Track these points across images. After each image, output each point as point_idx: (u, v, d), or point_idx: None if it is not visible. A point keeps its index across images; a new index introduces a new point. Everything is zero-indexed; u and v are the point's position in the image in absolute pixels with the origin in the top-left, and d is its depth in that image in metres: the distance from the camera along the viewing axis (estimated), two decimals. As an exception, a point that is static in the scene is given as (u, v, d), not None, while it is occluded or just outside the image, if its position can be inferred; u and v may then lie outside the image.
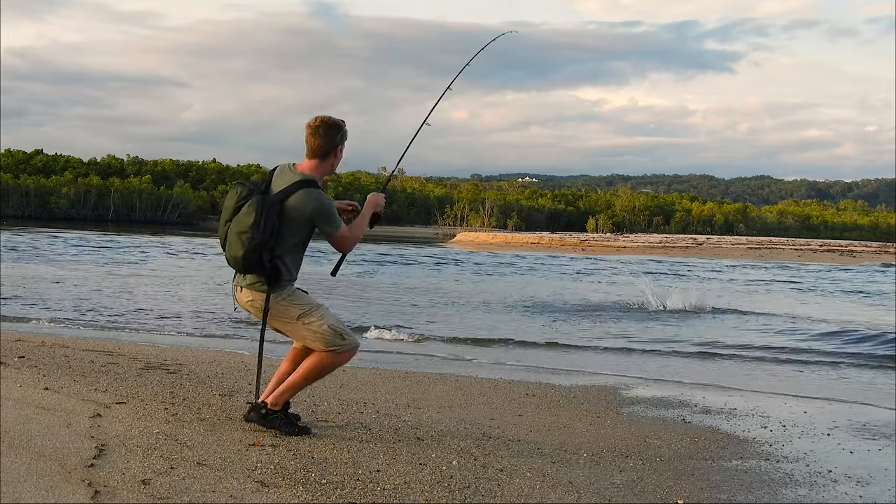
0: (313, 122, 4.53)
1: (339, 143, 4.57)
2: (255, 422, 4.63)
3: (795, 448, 5.39)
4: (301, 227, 4.45)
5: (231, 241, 4.43)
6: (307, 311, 4.52)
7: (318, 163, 4.54)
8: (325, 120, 4.53)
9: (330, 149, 4.54)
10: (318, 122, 4.52)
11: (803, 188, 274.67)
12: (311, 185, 4.46)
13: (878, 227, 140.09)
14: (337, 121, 4.57)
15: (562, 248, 56.60)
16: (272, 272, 4.42)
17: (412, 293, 17.49)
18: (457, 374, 7.59)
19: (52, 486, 3.44)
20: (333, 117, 4.56)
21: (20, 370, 5.98)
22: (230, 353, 8.11)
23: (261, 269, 4.41)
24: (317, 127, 4.51)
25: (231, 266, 4.52)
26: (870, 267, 40.50)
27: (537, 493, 3.94)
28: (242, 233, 4.36)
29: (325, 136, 4.51)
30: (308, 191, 4.42)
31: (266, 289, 4.46)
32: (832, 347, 11.00)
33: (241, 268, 4.45)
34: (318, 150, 4.52)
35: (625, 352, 10.17)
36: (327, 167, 4.57)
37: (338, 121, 4.57)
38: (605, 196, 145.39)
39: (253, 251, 4.35)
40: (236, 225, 4.39)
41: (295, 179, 4.45)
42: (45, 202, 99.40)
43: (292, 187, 4.42)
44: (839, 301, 20.24)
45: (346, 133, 4.61)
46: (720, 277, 28.70)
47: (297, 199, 4.40)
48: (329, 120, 4.54)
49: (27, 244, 30.90)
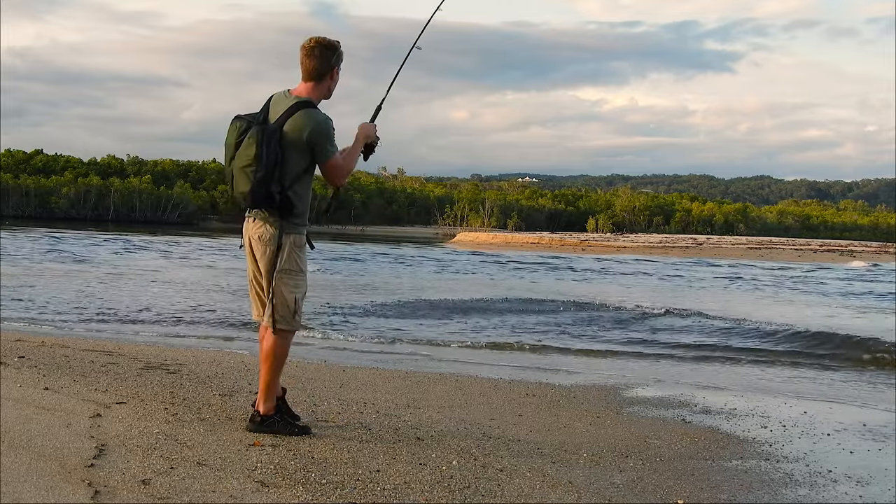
0: (307, 43, 4.42)
1: (334, 65, 4.46)
2: (256, 431, 4.58)
3: (795, 448, 5.39)
4: (303, 151, 4.32)
5: (236, 177, 4.30)
6: (296, 272, 4.43)
7: (314, 85, 4.43)
8: (319, 40, 4.42)
9: (325, 70, 4.42)
10: (313, 42, 4.42)
11: (803, 188, 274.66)
12: (309, 105, 4.36)
13: (878, 227, 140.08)
14: (332, 41, 4.45)
15: (562, 248, 56.59)
16: (283, 204, 4.31)
17: (371, 291, 17.48)
18: (457, 374, 7.59)
19: (52, 486, 3.44)
20: (328, 38, 4.45)
21: (20, 370, 5.98)
22: (230, 353, 8.11)
23: (270, 202, 4.29)
24: (311, 48, 4.40)
25: (241, 203, 4.39)
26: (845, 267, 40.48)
27: (537, 493, 3.94)
28: (247, 166, 4.24)
29: (320, 57, 4.40)
30: (306, 111, 4.32)
31: (279, 222, 4.36)
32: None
33: (251, 203, 4.33)
34: (314, 72, 4.41)
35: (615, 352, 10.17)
36: (323, 90, 4.46)
37: (333, 41, 4.45)
38: (605, 196, 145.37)
39: (259, 184, 4.22)
40: (239, 160, 4.27)
41: (291, 103, 4.34)
42: (45, 202, 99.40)
43: (289, 110, 4.31)
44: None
45: (342, 55, 4.48)
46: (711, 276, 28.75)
47: (295, 121, 4.28)
48: (324, 40, 4.43)
49: (72, 245, 30.95)
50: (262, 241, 4.39)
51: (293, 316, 4.48)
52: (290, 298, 4.45)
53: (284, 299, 4.44)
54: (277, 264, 4.39)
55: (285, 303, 4.44)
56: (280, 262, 4.39)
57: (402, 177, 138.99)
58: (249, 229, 4.46)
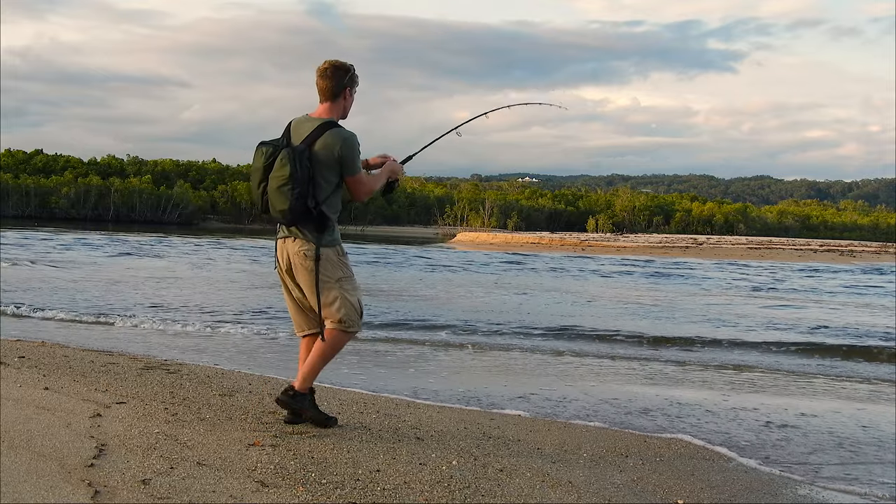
0: (321, 66, 4.67)
1: (347, 85, 4.68)
2: (285, 403, 4.74)
3: (795, 448, 5.39)
4: (332, 169, 4.54)
5: (273, 197, 4.49)
6: (349, 277, 4.67)
7: (331, 105, 4.67)
8: (332, 62, 4.67)
9: (339, 90, 4.65)
10: (327, 64, 4.67)
11: (803, 188, 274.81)
12: (334, 125, 4.59)
13: (878, 227, 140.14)
14: (345, 63, 4.69)
15: (562, 248, 56.59)
16: (319, 218, 4.52)
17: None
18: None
19: (52, 486, 3.44)
20: (341, 60, 4.69)
21: (20, 370, 5.98)
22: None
23: (308, 217, 4.49)
24: (325, 69, 4.64)
25: (279, 220, 4.58)
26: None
27: (537, 493, 3.94)
28: (283, 185, 4.44)
29: (333, 77, 4.63)
30: (333, 130, 4.55)
31: (316, 237, 4.55)
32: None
33: (290, 220, 4.51)
34: (328, 92, 4.64)
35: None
36: (339, 109, 4.69)
37: (346, 63, 4.69)
38: (605, 196, 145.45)
39: (297, 201, 4.43)
40: (275, 181, 4.47)
41: (316, 125, 4.57)
42: (45, 202, 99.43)
43: (315, 132, 4.54)
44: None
45: (356, 78, 4.73)
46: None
47: (324, 140, 4.51)
48: (336, 62, 4.67)
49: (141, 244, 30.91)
50: (306, 258, 4.57)
51: (360, 317, 4.70)
52: (354, 301, 4.65)
53: (349, 303, 4.62)
54: (330, 275, 4.58)
55: (351, 306, 4.62)
56: (331, 272, 4.59)
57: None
58: (288, 248, 4.62)
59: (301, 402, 4.74)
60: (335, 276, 4.60)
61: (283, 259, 4.68)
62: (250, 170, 4.67)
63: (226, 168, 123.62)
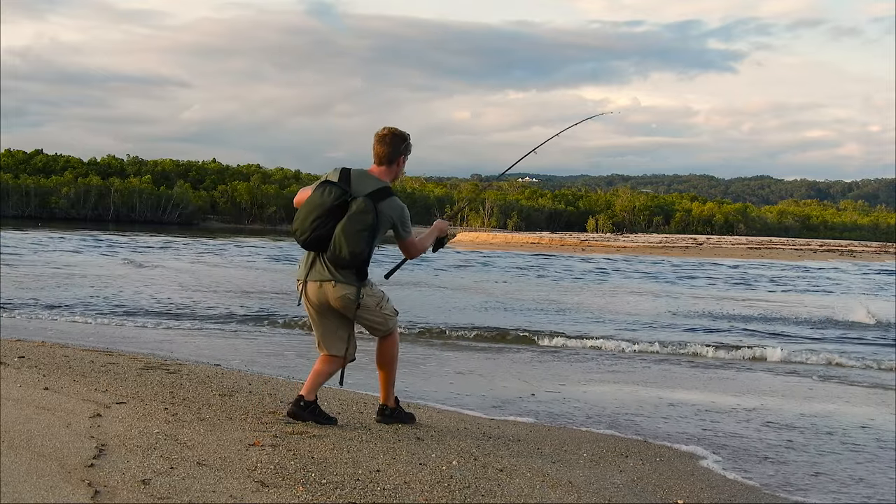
0: (381, 132, 4.95)
1: (402, 153, 4.97)
2: (385, 423, 5.14)
3: (795, 448, 5.39)
4: (384, 228, 4.86)
5: (349, 237, 4.67)
6: (382, 298, 4.99)
7: (387, 169, 4.94)
8: (392, 130, 4.97)
9: (395, 156, 4.93)
10: (386, 131, 4.95)
11: (803, 188, 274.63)
12: (393, 193, 4.91)
13: (878, 227, 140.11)
14: (403, 133, 4.98)
15: (562, 248, 56.59)
16: (363, 267, 4.80)
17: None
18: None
19: (52, 486, 3.44)
20: (399, 129, 4.98)
21: (20, 370, 5.98)
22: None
23: (363, 265, 4.76)
24: (384, 136, 4.93)
25: (336, 260, 4.72)
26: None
27: (537, 493, 3.94)
28: (364, 230, 4.67)
29: (391, 144, 4.92)
30: (394, 199, 4.87)
31: (356, 282, 4.82)
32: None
33: (352, 262, 4.72)
34: (385, 157, 4.92)
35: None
36: (393, 173, 4.97)
37: (404, 133, 4.98)
38: (605, 196, 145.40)
39: (367, 247, 4.70)
40: (357, 223, 4.67)
41: (380, 186, 4.84)
42: (45, 202, 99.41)
43: (380, 193, 4.81)
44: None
45: (410, 147, 5.01)
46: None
47: (388, 204, 4.82)
48: (396, 130, 4.97)
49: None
50: (351, 301, 4.82)
51: (395, 316, 5.07)
52: (390, 311, 5.02)
53: (389, 317, 5.02)
54: (370, 308, 4.90)
55: (388, 318, 5.01)
56: (371, 306, 4.91)
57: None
58: (329, 292, 4.83)
59: (399, 418, 5.21)
60: (375, 304, 4.92)
61: (317, 299, 4.86)
62: (305, 202, 4.80)
63: (226, 168, 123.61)
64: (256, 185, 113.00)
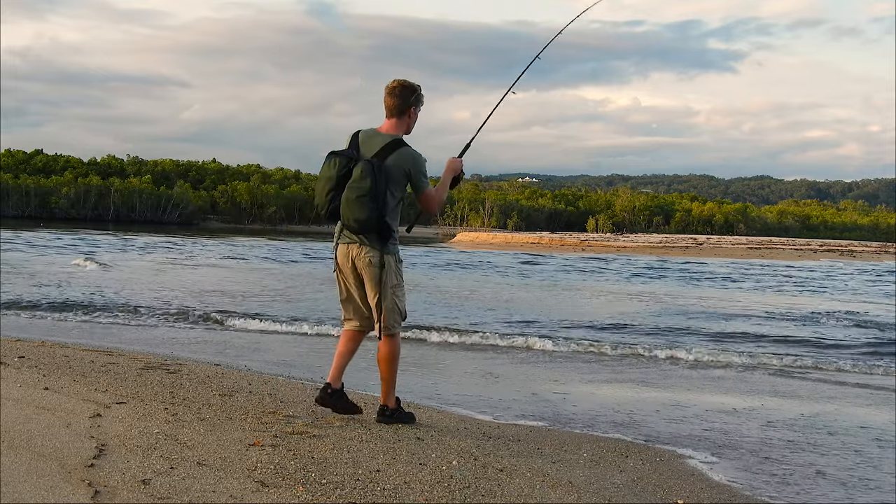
0: (390, 84, 4.94)
1: (412, 104, 4.94)
2: (386, 423, 5.11)
3: (795, 448, 5.39)
4: (399, 184, 4.84)
5: (348, 206, 4.72)
6: (400, 284, 4.99)
7: (397, 121, 4.93)
8: (401, 82, 4.95)
9: (405, 108, 4.91)
10: (395, 83, 4.94)
11: (803, 188, 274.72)
12: (404, 143, 4.88)
13: (879, 227, 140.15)
14: (413, 83, 4.96)
15: (562, 248, 56.59)
16: (385, 229, 4.80)
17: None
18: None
19: (52, 486, 3.44)
20: (409, 80, 4.96)
21: (20, 370, 5.98)
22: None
23: (376, 227, 4.76)
24: (393, 88, 4.92)
25: (349, 228, 4.80)
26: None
27: (537, 493, 3.94)
28: (362, 196, 4.68)
29: (400, 96, 4.91)
30: (404, 149, 4.84)
31: (380, 245, 4.84)
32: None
33: (362, 228, 4.76)
34: (395, 109, 4.91)
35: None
36: (404, 126, 4.95)
37: (413, 84, 4.97)
38: (605, 196, 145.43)
39: (372, 212, 4.70)
40: (354, 191, 4.69)
41: (387, 141, 4.83)
42: (45, 202, 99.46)
43: (387, 148, 4.81)
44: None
45: (422, 98, 4.99)
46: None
47: (396, 158, 4.79)
48: (405, 81, 4.95)
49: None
50: (371, 265, 4.86)
51: (402, 319, 5.04)
52: (401, 306, 5.00)
53: (397, 308, 4.97)
54: (387, 281, 4.89)
55: (397, 311, 4.97)
56: (389, 279, 4.89)
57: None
58: (353, 254, 4.89)
59: (400, 418, 5.15)
60: (391, 282, 4.90)
61: (345, 261, 4.92)
62: (318, 176, 4.87)
63: (226, 168, 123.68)
64: (256, 185, 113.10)
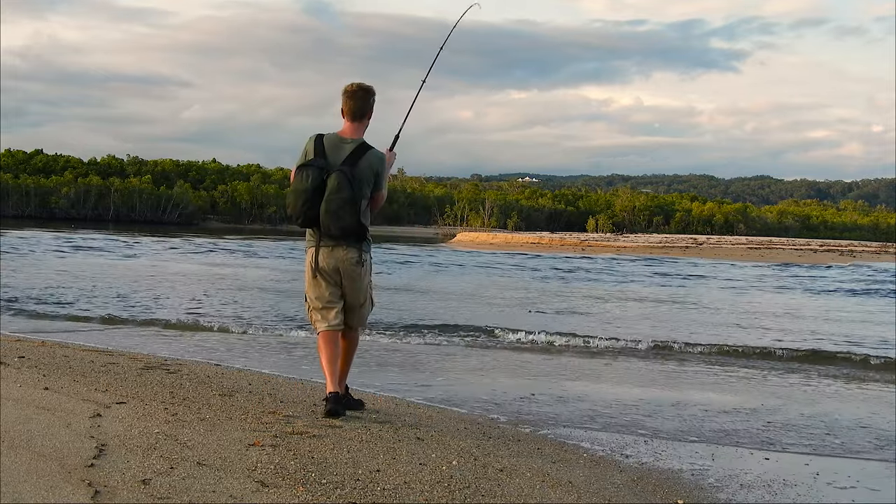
0: (351, 87, 5.06)
1: (371, 107, 5.10)
2: (342, 411, 5.13)
3: (795, 448, 5.40)
4: (368, 185, 4.98)
5: (331, 215, 4.87)
6: (371, 284, 5.19)
7: (359, 124, 5.06)
8: (360, 85, 5.09)
9: (367, 110, 5.07)
10: (355, 86, 5.07)
11: (804, 188, 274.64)
12: (369, 146, 5.01)
13: (879, 227, 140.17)
14: (369, 86, 5.10)
15: (562, 248, 56.60)
16: (363, 231, 4.98)
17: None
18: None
19: (52, 486, 3.44)
20: (366, 83, 5.09)
21: (20, 370, 5.98)
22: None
23: (357, 231, 4.94)
24: (354, 91, 5.05)
25: (330, 235, 4.95)
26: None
27: (537, 493, 3.94)
28: (343, 206, 4.84)
29: (363, 98, 5.05)
30: (372, 152, 4.99)
31: (360, 246, 5.02)
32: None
33: (344, 234, 4.93)
34: (358, 112, 5.04)
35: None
36: (364, 128, 5.09)
37: (369, 86, 5.10)
38: (605, 196, 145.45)
39: (353, 218, 4.87)
40: (334, 202, 4.84)
41: (355, 146, 4.97)
42: (45, 202, 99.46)
43: (357, 152, 4.95)
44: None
45: (375, 99, 5.14)
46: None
47: (366, 161, 4.95)
48: (363, 84, 5.09)
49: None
50: (356, 265, 5.03)
51: (367, 310, 5.25)
52: (374, 299, 5.27)
53: (372, 301, 5.22)
54: (366, 279, 5.09)
55: (371, 304, 5.22)
56: (367, 276, 5.11)
57: (402, 177, 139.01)
58: (338, 256, 5.01)
59: (349, 405, 5.26)
60: (368, 279, 5.10)
61: (327, 264, 5.01)
62: (290, 188, 4.97)
63: (226, 168, 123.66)
64: (256, 185, 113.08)
